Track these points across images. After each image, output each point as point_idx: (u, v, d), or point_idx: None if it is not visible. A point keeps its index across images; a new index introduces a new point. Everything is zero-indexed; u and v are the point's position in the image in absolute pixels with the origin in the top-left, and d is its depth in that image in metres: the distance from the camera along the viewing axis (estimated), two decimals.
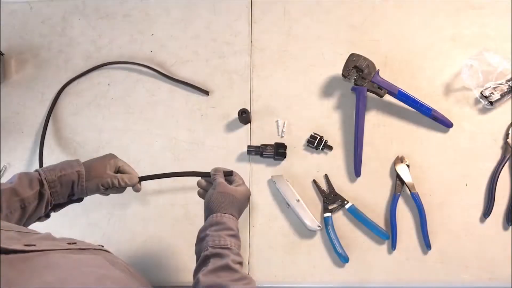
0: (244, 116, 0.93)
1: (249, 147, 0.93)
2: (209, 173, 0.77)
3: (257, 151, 0.92)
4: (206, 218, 0.69)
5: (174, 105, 1.00)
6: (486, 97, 0.92)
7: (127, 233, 0.92)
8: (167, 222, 0.92)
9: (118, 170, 0.77)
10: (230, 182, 0.75)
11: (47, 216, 0.74)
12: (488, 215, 0.87)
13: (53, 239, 0.51)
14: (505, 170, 0.90)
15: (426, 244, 0.86)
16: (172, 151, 0.96)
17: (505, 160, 0.90)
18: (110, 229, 0.92)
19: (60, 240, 0.51)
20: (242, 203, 0.71)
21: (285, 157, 0.92)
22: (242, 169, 0.93)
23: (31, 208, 0.67)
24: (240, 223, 0.89)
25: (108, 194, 0.79)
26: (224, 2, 1.07)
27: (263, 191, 0.92)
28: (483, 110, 0.94)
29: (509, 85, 0.92)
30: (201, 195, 0.77)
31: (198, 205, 0.92)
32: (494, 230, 0.87)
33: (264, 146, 0.92)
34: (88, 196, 0.75)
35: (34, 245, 0.43)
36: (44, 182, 0.68)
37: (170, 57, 1.04)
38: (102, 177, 0.73)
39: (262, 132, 0.96)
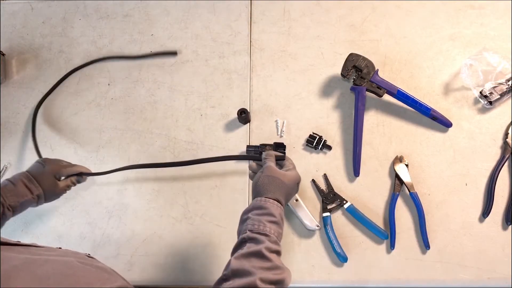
0: (244, 116, 0.93)
1: (248, 146, 0.93)
2: (260, 157, 0.77)
3: (256, 151, 0.92)
4: (253, 196, 0.69)
5: (173, 105, 1.00)
6: (485, 96, 0.92)
7: (127, 232, 0.92)
8: (167, 222, 0.92)
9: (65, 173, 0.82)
10: (280, 166, 0.75)
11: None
12: (487, 214, 0.87)
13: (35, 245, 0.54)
14: (505, 169, 0.90)
15: (425, 244, 0.86)
16: (171, 150, 0.97)
17: (505, 159, 0.90)
18: (110, 229, 0.92)
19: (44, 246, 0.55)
20: (290, 188, 0.70)
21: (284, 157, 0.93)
22: (241, 169, 0.93)
23: None
24: (239, 222, 0.90)
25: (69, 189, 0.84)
26: (223, 2, 1.07)
27: None
28: (483, 110, 0.94)
29: (508, 84, 0.92)
30: (251, 177, 0.78)
31: (197, 205, 0.92)
32: (493, 229, 0.87)
33: (263, 145, 0.92)
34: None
35: (19, 241, 0.49)
36: (6, 209, 0.72)
37: (170, 57, 1.04)
38: (57, 194, 0.81)
39: (262, 132, 0.96)
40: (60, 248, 0.54)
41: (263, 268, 0.56)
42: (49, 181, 0.78)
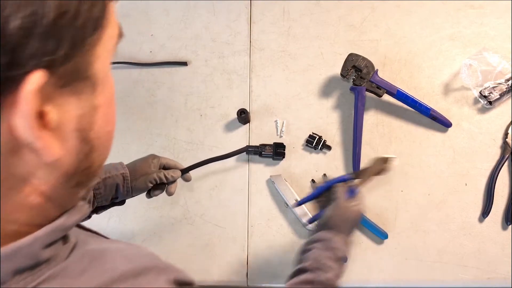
0: (243, 116, 0.93)
1: (248, 147, 0.93)
2: (246, 148, 0.83)
3: (256, 151, 0.93)
4: (318, 229, 0.69)
5: (173, 105, 1.00)
6: (485, 96, 0.92)
7: (127, 233, 0.92)
8: (167, 222, 0.92)
9: (163, 167, 0.78)
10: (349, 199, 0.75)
11: (87, 217, 0.73)
12: (487, 214, 0.87)
13: None
14: (504, 169, 0.90)
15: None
16: (171, 151, 0.97)
17: (504, 159, 0.90)
18: (110, 229, 0.92)
19: None
20: (356, 223, 0.71)
21: (284, 157, 0.93)
22: (241, 169, 0.93)
23: None
24: (238, 223, 0.90)
25: (153, 196, 0.78)
26: (223, 2, 1.07)
27: (262, 191, 0.92)
28: (482, 110, 0.94)
29: (508, 84, 0.92)
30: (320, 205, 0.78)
31: (197, 204, 0.93)
32: (493, 229, 0.87)
33: (263, 146, 0.93)
34: (130, 198, 0.76)
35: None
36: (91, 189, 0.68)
37: (169, 58, 1.04)
38: (149, 174, 0.74)
39: (261, 132, 0.96)
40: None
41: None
42: (142, 163, 0.75)
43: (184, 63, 1.02)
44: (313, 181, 0.91)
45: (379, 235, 0.86)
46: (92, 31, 0.28)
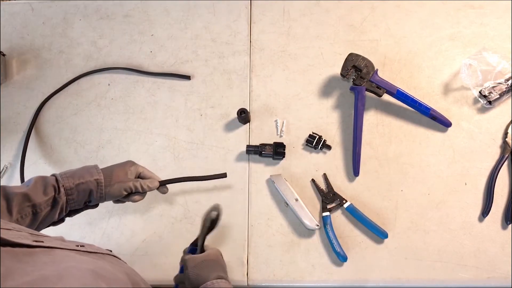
0: (243, 116, 0.94)
1: (248, 146, 0.93)
2: (225, 174, 0.82)
3: (256, 151, 0.93)
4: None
5: (173, 105, 1.00)
6: (485, 96, 0.92)
7: (127, 232, 0.92)
8: (167, 221, 0.92)
9: (139, 176, 0.77)
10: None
11: (61, 221, 0.73)
12: (487, 214, 0.87)
13: (62, 241, 0.51)
14: (504, 169, 0.90)
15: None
16: (171, 150, 0.97)
17: (504, 159, 0.90)
18: (110, 229, 0.92)
19: (69, 242, 0.51)
20: (219, 260, 0.70)
21: (284, 157, 0.93)
22: (241, 169, 0.94)
23: (43, 214, 0.67)
24: (239, 223, 0.90)
25: (124, 202, 0.78)
26: (223, 2, 1.07)
27: (262, 191, 0.92)
28: (482, 110, 0.95)
29: (508, 84, 0.92)
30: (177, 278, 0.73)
31: (197, 204, 0.93)
32: (492, 229, 0.87)
33: (263, 145, 0.93)
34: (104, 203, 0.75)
35: (42, 241, 0.44)
36: (61, 189, 0.67)
37: (169, 57, 1.04)
38: (124, 182, 0.72)
39: (261, 132, 0.97)
40: (81, 247, 0.49)
41: None
42: (119, 169, 0.73)
43: (187, 77, 1.02)
44: (313, 180, 0.91)
45: (379, 235, 0.86)
46: None
